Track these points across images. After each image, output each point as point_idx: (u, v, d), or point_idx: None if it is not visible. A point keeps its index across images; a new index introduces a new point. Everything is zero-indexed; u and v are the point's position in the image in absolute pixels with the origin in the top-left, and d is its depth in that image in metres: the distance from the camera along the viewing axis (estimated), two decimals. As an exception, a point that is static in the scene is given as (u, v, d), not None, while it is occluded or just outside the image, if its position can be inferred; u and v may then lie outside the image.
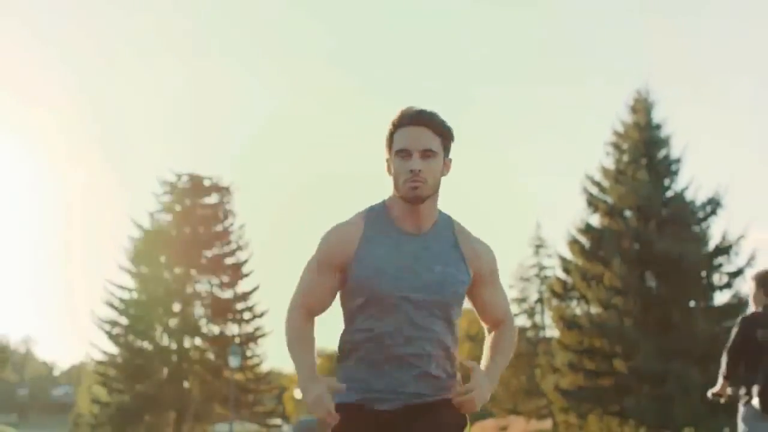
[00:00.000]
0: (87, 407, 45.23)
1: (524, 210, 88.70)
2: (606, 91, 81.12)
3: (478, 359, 3.17)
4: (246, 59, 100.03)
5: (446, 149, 3.07)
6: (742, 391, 6.08)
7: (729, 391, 6.14)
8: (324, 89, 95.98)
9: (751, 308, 6.31)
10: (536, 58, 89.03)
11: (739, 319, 6.25)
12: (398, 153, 3.02)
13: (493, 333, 3.24)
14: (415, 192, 2.98)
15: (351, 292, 3.06)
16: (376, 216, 3.09)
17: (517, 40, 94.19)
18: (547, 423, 37.75)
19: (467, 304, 3.18)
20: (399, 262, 3.01)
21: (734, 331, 6.19)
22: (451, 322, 3.07)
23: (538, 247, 42.74)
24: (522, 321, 41.79)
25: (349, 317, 3.08)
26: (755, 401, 5.94)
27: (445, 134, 3.05)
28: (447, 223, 3.12)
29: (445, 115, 3.06)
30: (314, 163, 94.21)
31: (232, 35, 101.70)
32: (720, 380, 6.18)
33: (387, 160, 3.09)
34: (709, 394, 6.28)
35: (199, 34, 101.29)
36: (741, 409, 6.07)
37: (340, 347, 3.14)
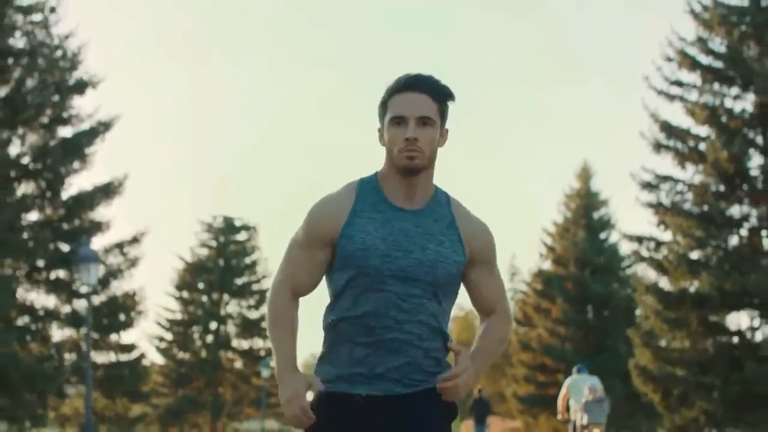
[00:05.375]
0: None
1: (523, 213, 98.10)
2: (607, 94, 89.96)
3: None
4: (246, 63, 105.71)
5: (443, 117, 3.01)
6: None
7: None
8: (325, 95, 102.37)
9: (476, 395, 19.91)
10: (537, 62, 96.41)
11: (472, 400, 19.97)
12: (393, 120, 2.96)
13: (484, 323, 3.18)
14: (411, 162, 2.93)
15: (338, 269, 3.02)
16: (367, 189, 3.04)
17: (518, 44, 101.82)
18: (517, 422, 49.73)
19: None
20: (390, 239, 2.96)
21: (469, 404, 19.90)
22: (444, 305, 3.04)
23: (513, 274, 54.81)
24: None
25: (334, 296, 3.05)
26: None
27: (443, 100, 3.01)
28: (444, 199, 3.07)
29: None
30: (317, 171, 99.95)
31: (232, 38, 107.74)
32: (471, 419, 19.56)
33: (379, 130, 3.04)
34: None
35: (199, 36, 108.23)
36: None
37: (324, 327, 3.09)
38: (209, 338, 47.31)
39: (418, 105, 2.94)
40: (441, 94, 3.00)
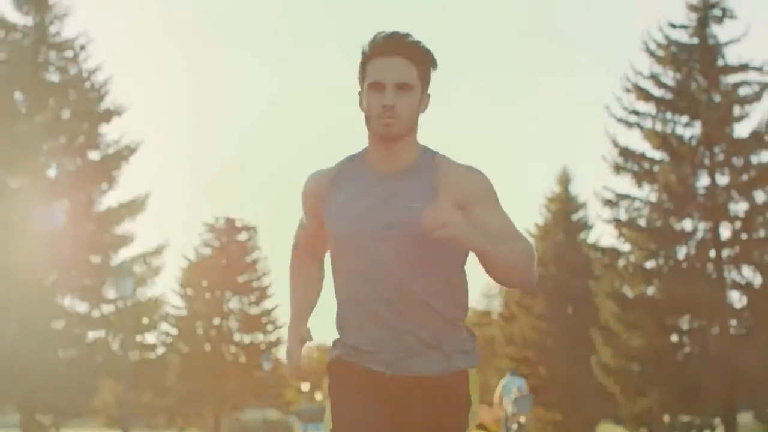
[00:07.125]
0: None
1: (512, 201, 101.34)
2: (593, 78, 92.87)
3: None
4: (249, 47, 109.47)
5: (425, 81, 2.98)
6: None
7: None
8: (327, 78, 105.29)
9: None
10: (522, 45, 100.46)
11: None
12: (371, 86, 2.93)
13: None
14: (387, 129, 2.92)
15: (328, 241, 3.11)
16: (353, 161, 3.08)
17: (507, 26, 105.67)
18: (502, 412, 53.91)
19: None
20: (364, 205, 2.98)
21: None
22: (437, 264, 2.98)
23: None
24: (486, 332, 57.85)
25: (331, 267, 3.12)
26: None
27: (423, 63, 2.95)
28: (427, 161, 3.01)
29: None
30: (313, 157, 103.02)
31: (236, 22, 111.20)
32: None
33: (359, 94, 3.01)
34: None
35: (203, 22, 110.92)
36: None
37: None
38: (212, 333, 50.40)
39: (396, 70, 2.91)
40: (421, 58, 2.96)
